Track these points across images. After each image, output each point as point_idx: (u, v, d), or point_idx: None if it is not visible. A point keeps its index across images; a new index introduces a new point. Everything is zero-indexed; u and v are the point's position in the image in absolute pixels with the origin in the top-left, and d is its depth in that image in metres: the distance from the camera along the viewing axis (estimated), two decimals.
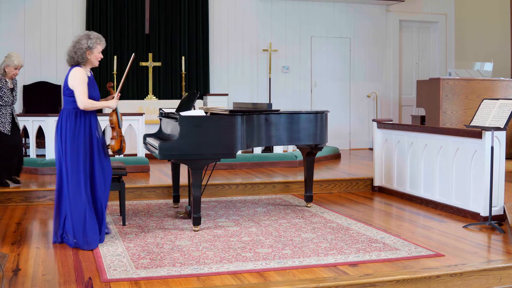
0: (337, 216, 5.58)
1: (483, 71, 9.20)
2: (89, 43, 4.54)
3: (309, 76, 11.02)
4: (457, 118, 8.43)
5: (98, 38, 4.58)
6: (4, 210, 5.92)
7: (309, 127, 5.70)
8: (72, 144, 4.47)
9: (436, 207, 5.95)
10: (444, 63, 11.71)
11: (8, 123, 6.27)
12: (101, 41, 4.60)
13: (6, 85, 6.25)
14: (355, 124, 11.29)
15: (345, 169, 8.08)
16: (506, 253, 4.31)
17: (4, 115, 6.25)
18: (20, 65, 6.28)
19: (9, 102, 6.27)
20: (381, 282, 3.66)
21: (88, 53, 4.55)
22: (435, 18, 11.63)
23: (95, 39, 4.56)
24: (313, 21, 10.95)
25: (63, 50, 9.67)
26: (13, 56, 6.23)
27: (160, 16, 10.14)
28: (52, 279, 3.69)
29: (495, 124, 4.97)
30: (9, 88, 6.29)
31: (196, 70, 10.32)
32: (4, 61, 6.24)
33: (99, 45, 4.58)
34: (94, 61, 4.62)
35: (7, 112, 6.27)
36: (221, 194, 6.73)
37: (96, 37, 4.58)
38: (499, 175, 5.28)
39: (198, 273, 3.80)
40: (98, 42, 4.58)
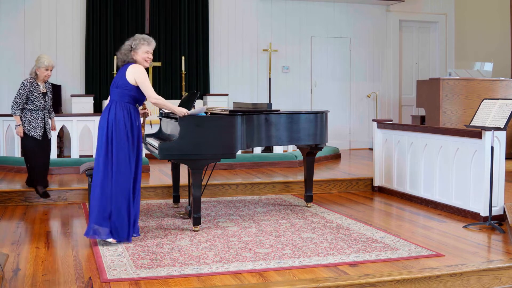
0: (337, 216, 5.58)
1: (483, 71, 9.20)
2: (133, 44, 4.62)
3: (309, 76, 11.02)
4: (457, 118, 8.43)
5: (142, 39, 4.63)
6: (4, 210, 5.92)
7: (309, 127, 5.70)
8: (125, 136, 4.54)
9: (436, 207, 5.95)
10: (444, 63, 11.71)
11: (39, 128, 6.14)
12: (145, 41, 4.63)
13: (38, 89, 6.11)
14: (355, 124, 11.29)
15: (345, 169, 8.08)
16: (506, 253, 4.31)
17: (36, 119, 6.12)
18: (51, 65, 6.12)
19: (40, 106, 6.12)
20: (381, 282, 3.66)
21: (133, 54, 4.62)
22: (435, 18, 11.64)
23: (138, 40, 4.62)
24: (313, 21, 10.95)
25: (63, 50, 9.83)
26: (42, 57, 6.11)
27: (160, 16, 10.14)
28: (52, 279, 3.69)
29: (495, 124, 4.96)
30: (41, 92, 6.14)
31: (196, 70, 10.32)
32: (34, 64, 6.12)
33: (143, 45, 4.62)
34: (142, 61, 4.65)
35: (39, 116, 6.14)
36: (221, 194, 6.73)
37: (141, 38, 4.64)
38: (499, 175, 5.28)
39: (198, 273, 3.80)
40: (142, 43, 4.62)
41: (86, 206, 5.94)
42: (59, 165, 7.63)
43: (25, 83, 6.06)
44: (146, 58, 4.66)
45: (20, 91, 6.05)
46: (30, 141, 6.15)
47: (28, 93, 6.05)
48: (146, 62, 4.67)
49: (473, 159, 5.45)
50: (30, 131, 6.11)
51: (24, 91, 6.04)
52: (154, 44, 4.71)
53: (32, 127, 6.12)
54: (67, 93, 9.73)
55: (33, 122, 6.13)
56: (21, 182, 6.83)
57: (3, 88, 9.59)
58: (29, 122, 6.11)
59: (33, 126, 6.13)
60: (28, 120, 6.11)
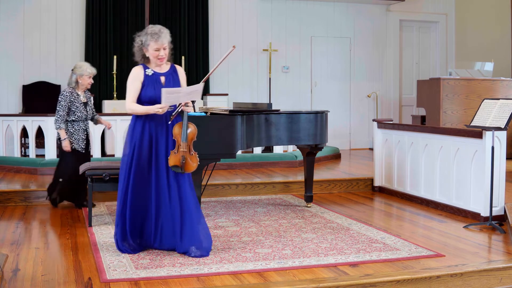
0: (337, 216, 5.57)
1: (483, 71, 9.19)
2: (143, 39, 4.21)
3: (309, 76, 11.01)
4: (457, 118, 8.42)
5: (150, 35, 4.16)
6: (3, 210, 5.92)
7: (309, 127, 5.69)
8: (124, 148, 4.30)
9: (437, 207, 5.95)
10: (445, 63, 11.71)
11: (82, 140, 5.89)
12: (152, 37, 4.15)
13: (79, 99, 5.85)
14: (355, 124, 11.28)
15: (345, 169, 8.07)
16: (506, 253, 4.30)
17: (78, 131, 5.86)
18: (93, 73, 5.92)
19: (82, 117, 5.86)
20: (381, 283, 3.65)
21: (144, 51, 4.23)
22: (436, 18, 11.63)
23: (147, 36, 4.17)
24: (313, 21, 10.94)
25: (63, 50, 9.82)
26: (84, 65, 5.90)
27: (160, 16, 10.13)
28: (52, 279, 3.68)
29: (496, 124, 4.96)
30: (82, 102, 5.89)
31: (196, 70, 10.31)
32: (73, 73, 5.88)
33: (151, 41, 4.16)
34: (153, 60, 4.24)
35: (80, 128, 5.88)
36: (221, 194, 6.72)
37: (149, 33, 4.18)
38: (500, 175, 5.27)
39: (198, 273, 3.79)
40: (150, 39, 4.16)
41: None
42: None
43: (65, 94, 5.79)
44: (157, 55, 4.19)
45: (61, 103, 5.76)
46: (72, 155, 5.84)
47: (70, 104, 5.79)
48: (158, 60, 4.21)
49: (473, 159, 5.44)
50: (72, 144, 5.83)
51: (66, 102, 5.76)
52: (163, 39, 4.16)
53: (74, 139, 5.85)
54: None
55: (75, 134, 5.85)
56: (21, 182, 6.82)
57: (3, 88, 9.57)
58: (71, 134, 5.84)
59: (76, 138, 5.85)
60: (70, 132, 5.84)
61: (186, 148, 4.15)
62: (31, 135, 8.05)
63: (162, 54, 4.19)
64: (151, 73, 4.25)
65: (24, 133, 8.58)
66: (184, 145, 4.15)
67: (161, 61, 4.22)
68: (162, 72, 4.28)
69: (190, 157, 4.18)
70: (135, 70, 4.26)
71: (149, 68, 4.26)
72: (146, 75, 4.24)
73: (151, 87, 4.21)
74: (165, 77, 4.28)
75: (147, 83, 4.22)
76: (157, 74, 4.26)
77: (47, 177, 7.28)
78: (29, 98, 9.56)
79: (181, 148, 4.15)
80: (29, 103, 9.54)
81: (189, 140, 4.20)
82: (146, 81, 4.23)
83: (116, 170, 5.22)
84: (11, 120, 8.26)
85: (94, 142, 7.91)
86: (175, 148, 4.17)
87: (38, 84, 9.64)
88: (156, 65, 4.26)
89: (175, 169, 4.16)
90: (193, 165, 4.19)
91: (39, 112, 8.91)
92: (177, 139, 4.18)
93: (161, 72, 4.28)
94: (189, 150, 4.18)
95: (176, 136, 4.19)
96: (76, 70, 5.87)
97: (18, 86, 9.63)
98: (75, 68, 5.90)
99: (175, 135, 4.19)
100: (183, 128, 4.17)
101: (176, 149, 4.17)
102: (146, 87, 4.22)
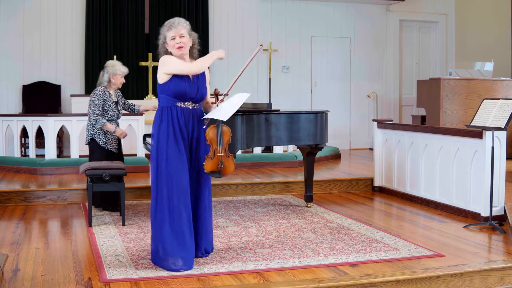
0: (337, 216, 5.57)
1: (483, 71, 9.19)
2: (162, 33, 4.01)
3: (309, 76, 11.01)
4: (457, 118, 8.42)
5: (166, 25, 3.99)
6: (3, 210, 5.91)
7: (309, 127, 5.69)
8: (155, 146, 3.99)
9: (437, 207, 5.94)
10: (445, 63, 11.71)
11: (115, 140, 5.77)
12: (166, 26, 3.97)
13: (110, 98, 5.73)
14: (355, 124, 11.28)
15: (345, 169, 8.07)
16: (506, 253, 4.30)
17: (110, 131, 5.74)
18: (126, 72, 5.80)
19: (114, 116, 5.75)
20: (381, 283, 3.65)
21: (166, 46, 4.02)
22: (436, 18, 11.63)
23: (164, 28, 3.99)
24: (313, 21, 10.94)
25: (62, 49, 9.82)
26: (117, 64, 5.78)
27: (160, 16, 10.13)
28: (52, 279, 3.68)
29: (496, 124, 4.96)
30: (114, 101, 5.78)
31: None
32: (105, 72, 5.74)
33: (167, 32, 3.97)
34: (174, 50, 3.99)
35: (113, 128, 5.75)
36: (221, 194, 6.72)
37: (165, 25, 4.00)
38: (500, 175, 5.27)
39: (198, 273, 3.79)
40: (166, 30, 3.98)
41: (86, 206, 5.93)
42: (59, 165, 7.63)
43: (98, 93, 5.67)
44: (174, 44, 3.96)
45: (95, 102, 5.64)
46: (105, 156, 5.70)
47: (103, 103, 5.67)
48: (178, 50, 3.95)
49: (473, 159, 5.44)
50: (106, 144, 5.71)
51: (99, 101, 5.64)
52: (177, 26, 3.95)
53: (107, 139, 5.72)
54: (67, 93, 9.72)
55: (108, 134, 5.73)
56: (21, 182, 6.82)
57: (3, 88, 9.57)
58: (104, 134, 5.71)
59: (109, 139, 5.73)
60: (103, 132, 5.70)
61: (223, 152, 3.98)
62: (31, 135, 8.05)
63: (179, 41, 3.94)
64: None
65: (24, 133, 8.58)
66: (220, 149, 3.97)
67: (179, 50, 3.95)
68: None
69: (227, 160, 4.00)
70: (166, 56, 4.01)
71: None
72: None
73: (179, 82, 3.95)
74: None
75: (176, 77, 3.97)
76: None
77: (47, 177, 7.29)
78: (29, 98, 9.56)
79: (218, 152, 3.96)
80: (29, 103, 9.54)
81: (225, 143, 4.01)
82: (175, 75, 3.97)
83: (116, 170, 5.23)
84: (11, 120, 8.26)
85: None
86: (211, 152, 3.97)
87: (38, 84, 9.64)
88: (178, 56, 3.99)
89: (212, 175, 3.98)
90: (230, 168, 4.03)
91: (39, 112, 8.91)
92: (212, 144, 3.98)
93: None
94: (226, 153, 4.01)
95: (211, 141, 3.98)
96: (108, 69, 5.76)
97: (18, 86, 9.62)
98: (107, 67, 5.79)
99: (209, 139, 3.98)
100: (218, 132, 3.98)
101: (212, 154, 3.96)
102: (173, 81, 3.96)
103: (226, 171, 4.01)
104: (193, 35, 4.07)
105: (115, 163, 5.39)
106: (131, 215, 5.58)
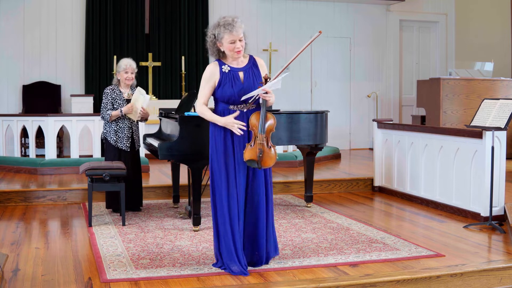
0: (337, 216, 5.57)
1: (483, 71, 9.19)
2: (215, 32, 3.78)
3: (309, 76, 11.01)
4: (457, 118, 8.43)
5: (223, 26, 3.75)
6: (4, 210, 5.92)
7: (309, 127, 5.69)
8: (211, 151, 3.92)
9: (437, 207, 5.95)
10: (445, 63, 11.71)
11: (126, 139, 5.68)
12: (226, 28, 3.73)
13: (121, 95, 5.67)
14: (355, 124, 11.28)
15: (345, 169, 8.07)
16: (506, 253, 4.30)
17: (122, 129, 5.67)
18: (130, 67, 5.68)
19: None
20: (381, 282, 3.65)
21: (219, 45, 3.81)
22: (436, 17, 11.63)
23: (219, 28, 3.76)
24: (313, 21, 10.94)
25: (62, 49, 9.82)
26: (121, 61, 5.72)
27: (160, 16, 10.13)
28: (52, 279, 3.68)
29: (496, 124, 4.96)
30: (125, 99, 5.70)
31: (196, 70, 10.31)
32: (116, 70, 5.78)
33: (225, 34, 3.74)
34: (230, 54, 3.81)
35: (125, 125, 5.68)
36: None
37: (222, 25, 3.76)
38: (500, 175, 5.27)
39: (198, 273, 3.79)
40: (223, 31, 3.74)
41: (86, 206, 5.92)
42: (59, 165, 7.63)
43: (106, 91, 5.67)
44: (234, 48, 3.76)
45: (103, 101, 5.64)
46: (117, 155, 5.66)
47: (112, 101, 5.64)
48: (235, 54, 3.78)
49: (473, 159, 5.44)
50: (117, 143, 5.65)
51: (107, 99, 5.63)
52: (237, 29, 3.73)
53: (118, 137, 5.66)
54: (67, 93, 9.73)
55: (120, 132, 5.66)
56: (21, 182, 6.83)
57: (3, 88, 9.58)
58: (115, 133, 5.65)
59: (120, 137, 5.66)
60: (114, 130, 5.65)
61: (263, 140, 3.75)
62: (31, 135, 8.05)
63: (239, 46, 3.76)
64: (227, 69, 3.83)
65: (24, 133, 8.58)
66: (261, 136, 3.75)
67: (238, 54, 3.78)
68: (240, 67, 3.87)
69: (267, 150, 3.76)
70: (210, 67, 3.85)
71: (225, 64, 3.85)
72: (223, 72, 3.83)
73: (229, 86, 3.81)
74: (244, 72, 3.86)
75: (224, 81, 3.81)
76: (235, 70, 3.85)
77: (47, 177, 7.29)
78: (29, 98, 9.57)
79: (258, 140, 3.75)
80: (29, 103, 9.54)
81: (267, 131, 3.79)
82: (223, 79, 3.82)
83: (116, 170, 5.22)
84: (11, 120, 8.26)
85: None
86: (252, 140, 3.78)
87: (38, 84, 9.65)
88: (233, 59, 3.84)
89: (251, 164, 3.76)
90: (271, 160, 3.77)
91: (39, 112, 8.92)
92: (253, 130, 3.78)
93: (239, 67, 3.86)
94: (267, 142, 3.77)
95: (253, 127, 3.79)
96: (117, 68, 5.77)
97: (18, 86, 9.63)
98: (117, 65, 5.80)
99: (251, 125, 3.79)
100: (261, 118, 3.76)
101: (252, 141, 3.76)
102: (223, 86, 3.81)
103: (265, 162, 3.76)
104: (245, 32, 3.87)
105: (115, 163, 5.39)
106: (131, 215, 5.59)
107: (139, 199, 5.82)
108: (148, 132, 6.64)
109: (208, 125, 4.90)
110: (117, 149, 5.69)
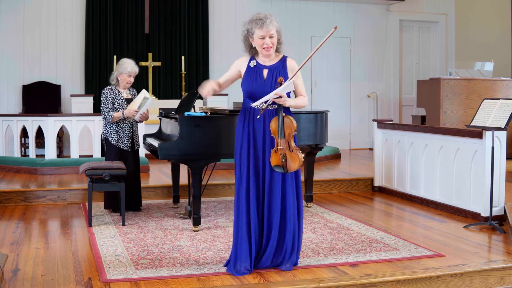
0: (337, 216, 5.57)
1: (483, 71, 9.19)
2: (248, 28, 3.80)
3: (309, 76, 11.01)
4: (457, 118, 8.43)
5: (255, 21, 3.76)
6: (3, 210, 5.91)
7: (309, 127, 5.69)
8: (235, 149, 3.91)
9: (437, 207, 5.94)
10: (445, 63, 11.70)
11: (127, 138, 5.68)
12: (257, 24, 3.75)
13: (120, 95, 5.67)
14: (355, 124, 11.28)
15: (345, 169, 8.07)
16: (506, 253, 4.30)
17: (123, 129, 5.67)
18: (134, 71, 5.70)
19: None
20: (381, 283, 3.65)
21: (251, 41, 3.81)
22: (436, 18, 11.63)
23: (251, 23, 3.78)
24: (313, 21, 10.94)
25: (62, 49, 9.82)
26: (125, 62, 5.68)
27: (160, 16, 10.13)
28: (52, 279, 3.68)
29: (496, 124, 4.96)
30: (124, 99, 5.71)
31: (196, 70, 10.31)
32: (115, 69, 5.73)
33: (256, 29, 3.75)
34: (260, 50, 3.79)
35: (126, 126, 5.68)
36: (221, 194, 6.72)
37: (253, 20, 3.77)
38: (500, 175, 5.27)
39: (198, 273, 3.79)
40: (254, 26, 3.76)
41: (86, 206, 5.92)
42: (59, 165, 7.63)
43: (105, 92, 5.66)
44: (263, 44, 3.76)
45: (103, 101, 5.62)
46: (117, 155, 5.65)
47: (112, 101, 5.63)
48: (265, 50, 3.77)
49: (473, 159, 5.44)
50: (118, 143, 5.65)
51: (107, 100, 5.61)
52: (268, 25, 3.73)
53: (119, 137, 5.65)
54: (67, 93, 9.72)
55: (120, 132, 5.66)
56: (21, 182, 6.82)
57: (3, 88, 9.57)
58: (116, 133, 5.65)
59: (121, 137, 5.66)
60: (115, 131, 5.64)
61: (284, 145, 3.73)
62: (31, 135, 8.05)
63: (268, 43, 3.75)
64: (254, 64, 3.85)
65: (24, 133, 8.58)
66: (282, 141, 3.74)
67: (267, 51, 3.77)
68: (267, 65, 3.85)
69: (290, 154, 3.73)
70: (240, 58, 3.92)
71: (254, 59, 3.87)
72: (249, 66, 3.85)
73: (249, 80, 3.83)
74: (269, 70, 3.84)
75: (247, 75, 3.84)
76: (260, 67, 3.85)
77: (47, 177, 7.29)
78: (29, 98, 9.57)
79: (279, 145, 3.74)
80: (29, 103, 9.54)
81: (287, 135, 3.76)
82: (247, 72, 3.84)
83: (116, 170, 5.22)
84: (11, 120, 8.26)
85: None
86: (275, 145, 3.77)
87: (38, 84, 9.64)
88: (263, 56, 3.83)
89: (278, 169, 3.76)
90: (295, 163, 3.72)
91: (39, 112, 8.91)
92: (274, 136, 3.78)
93: (265, 65, 3.85)
94: (289, 146, 3.75)
95: (274, 133, 3.79)
96: (117, 67, 5.71)
97: (18, 86, 9.62)
98: (117, 64, 5.75)
99: (272, 131, 3.79)
100: (278, 123, 3.76)
101: (276, 147, 3.76)
102: (245, 79, 3.85)
103: (290, 166, 3.73)
104: (280, 30, 3.88)
105: (115, 163, 5.39)
106: (131, 215, 5.59)
107: (138, 199, 5.82)
108: (148, 132, 6.64)
109: (208, 124, 4.92)
110: (118, 149, 5.69)
